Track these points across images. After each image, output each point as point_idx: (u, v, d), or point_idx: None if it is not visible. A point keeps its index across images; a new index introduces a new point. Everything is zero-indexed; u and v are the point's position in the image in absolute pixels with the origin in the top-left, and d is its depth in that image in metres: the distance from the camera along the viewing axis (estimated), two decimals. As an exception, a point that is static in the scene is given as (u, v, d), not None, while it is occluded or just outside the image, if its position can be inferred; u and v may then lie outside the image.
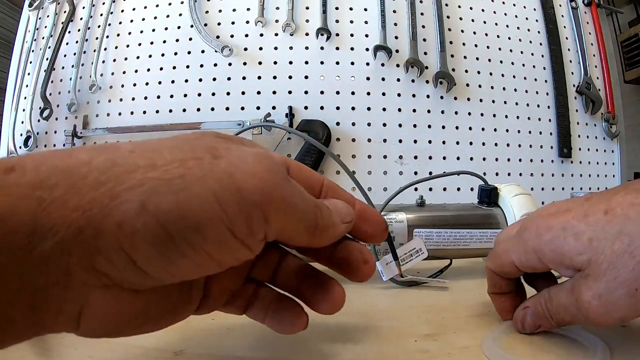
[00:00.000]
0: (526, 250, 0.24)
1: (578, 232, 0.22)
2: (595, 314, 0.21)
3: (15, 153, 0.78)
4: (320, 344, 0.25)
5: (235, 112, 0.72)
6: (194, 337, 0.25)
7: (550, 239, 0.23)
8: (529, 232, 0.24)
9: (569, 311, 0.23)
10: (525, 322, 0.25)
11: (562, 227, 0.22)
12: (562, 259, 0.22)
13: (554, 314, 0.24)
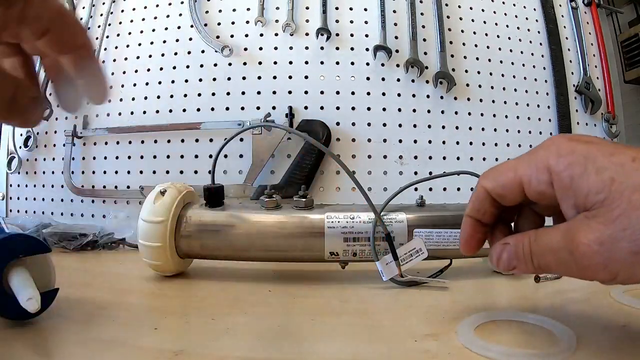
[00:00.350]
0: (539, 168, 0.21)
1: (600, 167, 0.20)
2: (590, 261, 0.19)
3: (15, 153, 0.78)
4: (320, 344, 0.25)
5: (235, 112, 0.72)
6: (194, 337, 0.25)
7: (570, 163, 0.20)
8: (548, 150, 0.22)
9: (558, 255, 0.21)
10: (501, 260, 0.23)
11: (585, 156, 0.20)
12: (577, 190, 0.20)
13: (538, 256, 0.22)
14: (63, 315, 0.28)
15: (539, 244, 0.22)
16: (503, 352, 0.22)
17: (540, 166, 0.21)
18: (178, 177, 0.71)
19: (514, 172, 0.23)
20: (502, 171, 0.23)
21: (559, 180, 0.21)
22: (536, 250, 0.22)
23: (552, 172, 0.21)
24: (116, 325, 0.27)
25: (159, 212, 0.38)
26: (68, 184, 0.75)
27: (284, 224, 0.39)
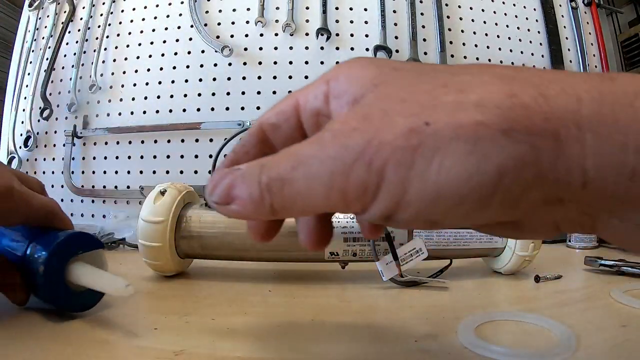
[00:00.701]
0: (318, 83, 0.17)
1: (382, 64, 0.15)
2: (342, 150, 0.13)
3: (15, 153, 0.78)
4: (320, 344, 0.25)
5: (235, 112, 0.72)
6: (194, 337, 0.25)
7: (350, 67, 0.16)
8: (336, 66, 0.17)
9: (298, 155, 0.14)
10: (218, 186, 0.15)
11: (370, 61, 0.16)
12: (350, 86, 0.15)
13: (272, 168, 0.14)
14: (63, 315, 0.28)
15: (277, 156, 0.15)
16: (503, 352, 0.22)
17: (320, 81, 0.17)
18: (178, 177, 0.71)
19: (293, 95, 0.17)
20: (283, 99, 0.18)
21: (334, 87, 0.16)
22: (270, 163, 0.14)
23: (330, 81, 0.16)
24: (116, 325, 0.27)
25: (159, 212, 0.38)
26: (68, 184, 0.75)
27: (284, 224, 0.39)
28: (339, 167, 0.13)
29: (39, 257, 0.26)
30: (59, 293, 0.27)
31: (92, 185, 0.76)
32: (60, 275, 0.27)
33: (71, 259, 0.27)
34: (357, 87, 0.15)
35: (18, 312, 0.29)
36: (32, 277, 0.27)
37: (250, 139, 0.18)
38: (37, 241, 0.28)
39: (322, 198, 0.13)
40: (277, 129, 0.17)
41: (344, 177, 0.13)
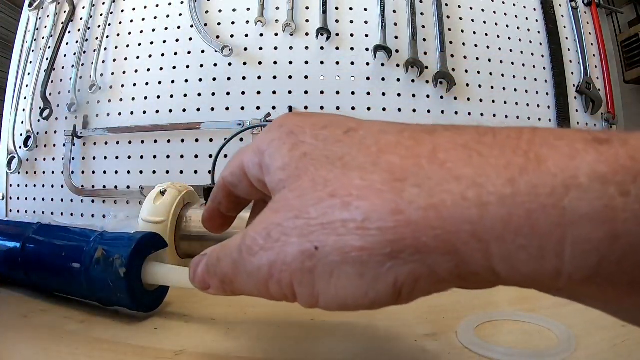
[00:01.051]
0: (254, 149, 0.17)
1: (300, 141, 0.15)
2: (255, 263, 0.14)
3: (15, 153, 0.78)
4: (320, 344, 0.25)
5: (235, 112, 0.72)
6: (194, 337, 0.25)
7: (272, 139, 0.16)
8: (267, 127, 0.17)
9: (232, 257, 0.15)
10: (196, 275, 0.18)
11: (291, 130, 0.15)
12: (269, 170, 0.15)
13: (219, 263, 0.16)
14: (63, 315, 0.28)
15: (224, 247, 0.16)
16: (503, 352, 0.22)
17: (254, 146, 0.17)
18: (178, 177, 0.71)
19: (240, 155, 0.18)
20: (236, 155, 0.19)
21: (263, 161, 0.16)
22: (222, 255, 0.16)
23: (260, 152, 0.16)
24: (116, 325, 0.27)
25: (159, 212, 0.38)
26: (68, 184, 0.75)
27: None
28: (259, 284, 0.14)
29: (118, 259, 0.26)
30: (138, 294, 0.27)
31: (92, 185, 0.76)
32: (139, 275, 0.27)
33: (145, 259, 0.28)
34: (275, 177, 0.15)
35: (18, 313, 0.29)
36: (101, 280, 0.26)
37: (219, 193, 0.20)
38: (107, 243, 0.27)
39: (261, 296, 0.15)
40: (235, 186, 0.19)
41: (265, 290, 0.14)
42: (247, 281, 0.15)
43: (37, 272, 0.31)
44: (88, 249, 0.28)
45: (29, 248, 0.30)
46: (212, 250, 0.17)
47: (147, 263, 0.28)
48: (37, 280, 0.31)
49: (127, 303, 0.27)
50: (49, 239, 0.31)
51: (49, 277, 0.30)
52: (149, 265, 0.28)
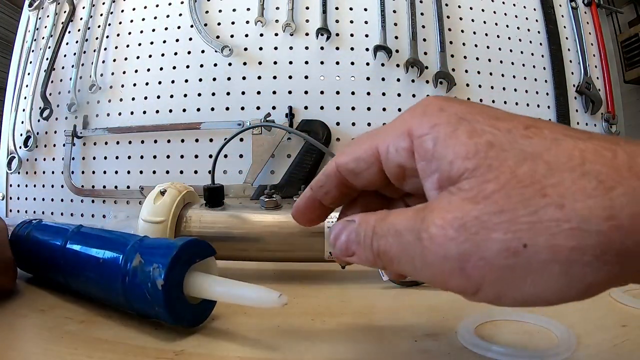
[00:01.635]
0: (399, 133, 0.16)
1: (477, 129, 0.14)
2: (439, 253, 0.13)
3: (15, 153, 0.78)
4: (320, 344, 0.25)
5: (235, 112, 0.72)
6: (194, 337, 0.25)
7: (436, 124, 0.15)
8: (413, 110, 0.17)
9: (402, 238, 0.15)
10: (338, 240, 0.17)
11: (459, 115, 0.15)
12: (441, 158, 0.15)
13: (379, 237, 0.16)
14: (63, 315, 0.28)
15: (385, 221, 0.16)
16: (503, 352, 0.22)
17: (400, 130, 0.16)
18: (178, 177, 0.71)
19: (372, 139, 0.17)
20: (358, 141, 0.18)
21: (420, 145, 0.15)
22: (380, 229, 0.16)
23: (413, 136, 0.16)
24: (116, 325, 0.27)
25: (159, 212, 0.38)
26: (68, 184, 0.75)
27: (284, 224, 0.39)
28: (438, 273, 0.14)
29: (156, 268, 0.24)
30: (178, 307, 0.24)
31: (92, 185, 0.76)
32: (180, 287, 0.24)
33: (189, 269, 0.25)
34: (449, 165, 0.14)
35: (18, 313, 0.29)
36: (138, 291, 0.24)
37: (328, 181, 0.19)
38: (145, 251, 0.25)
39: (425, 280, 0.15)
40: (356, 175, 0.18)
41: (443, 280, 0.14)
42: (416, 266, 0.14)
43: (75, 278, 0.29)
44: (125, 256, 0.25)
45: (69, 253, 0.29)
46: (364, 220, 0.17)
47: (191, 273, 0.25)
48: (76, 286, 0.30)
49: (165, 317, 0.25)
50: (87, 244, 0.29)
51: (87, 284, 0.29)
52: (192, 275, 0.25)
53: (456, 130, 0.14)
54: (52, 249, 0.30)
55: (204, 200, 0.42)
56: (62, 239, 0.30)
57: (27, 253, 0.33)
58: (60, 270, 0.30)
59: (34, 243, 0.33)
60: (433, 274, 0.14)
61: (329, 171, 0.19)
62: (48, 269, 0.32)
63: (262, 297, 0.23)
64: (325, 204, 0.20)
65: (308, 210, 0.21)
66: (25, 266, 0.34)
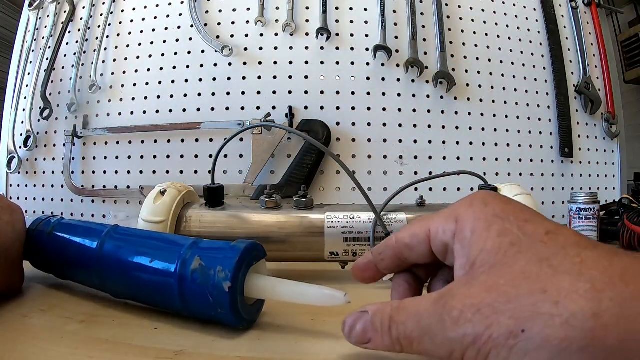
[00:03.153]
0: (449, 217, 0.20)
1: (506, 229, 0.18)
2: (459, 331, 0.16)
3: (15, 153, 0.78)
4: (320, 344, 0.25)
5: (235, 112, 0.72)
6: (194, 337, 0.25)
7: (477, 218, 0.19)
8: (464, 200, 0.20)
9: (423, 322, 0.18)
10: (354, 331, 0.20)
11: (496, 214, 0.18)
12: (471, 247, 0.18)
13: (398, 324, 0.19)
14: (63, 315, 0.28)
15: (403, 310, 0.19)
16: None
17: (450, 215, 0.20)
18: (178, 177, 0.71)
19: (425, 221, 0.21)
20: (416, 222, 0.22)
21: (460, 231, 0.19)
22: (398, 317, 0.19)
23: (458, 222, 0.19)
24: (116, 325, 0.27)
25: (159, 212, 0.38)
26: (68, 184, 0.75)
27: (284, 224, 0.39)
28: (457, 348, 0.16)
29: (221, 271, 0.24)
30: (241, 309, 0.25)
31: (92, 185, 0.76)
32: (242, 289, 0.25)
33: (248, 271, 0.25)
34: (477, 253, 0.18)
35: (18, 313, 0.29)
36: (199, 294, 0.24)
37: (387, 251, 0.23)
38: (204, 253, 0.25)
39: (442, 354, 0.17)
40: (410, 249, 0.22)
41: (460, 354, 0.16)
42: (437, 343, 0.17)
43: (116, 281, 0.28)
44: (181, 259, 0.25)
45: (107, 251, 0.28)
46: (379, 310, 0.20)
47: (251, 275, 0.25)
48: (115, 289, 0.29)
49: (228, 319, 0.25)
50: (131, 246, 0.28)
51: (132, 288, 0.28)
52: (253, 277, 0.25)
53: (491, 226, 0.18)
54: (84, 250, 0.29)
55: (204, 200, 0.42)
56: (96, 239, 0.29)
57: (48, 253, 0.32)
58: (95, 273, 0.29)
59: (58, 243, 0.31)
60: (453, 349, 0.17)
61: (389, 243, 0.23)
62: (78, 270, 0.31)
63: (328, 297, 0.24)
64: (380, 268, 0.24)
65: (366, 270, 0.24)
66: (43, 266, 0.33)
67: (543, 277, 0.16)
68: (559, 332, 0.14)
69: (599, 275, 0.15)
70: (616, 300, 0.14)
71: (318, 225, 0.38)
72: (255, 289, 0.25)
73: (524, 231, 0.17)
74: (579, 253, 0.16)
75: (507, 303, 0.16)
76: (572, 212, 0.61)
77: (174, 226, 0.39)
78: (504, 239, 0.17)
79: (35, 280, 0.35)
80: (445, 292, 0.18)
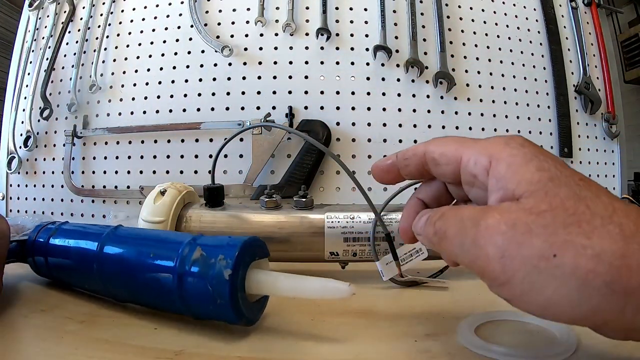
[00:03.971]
0: (481, 151, 0.20)
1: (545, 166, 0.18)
2: (489, 240, 0.17)
3: (15, 153, 0.78)
4: (320, 344, 0.25)
5: (235, 112, 0.72)
6: (194, 337, 0.25)
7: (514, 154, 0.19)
8: (498, 139, 0.20)
9: (461, 223, 0.19)
10: (419, 220, 0.22)
11: (534, 153, 0.19)
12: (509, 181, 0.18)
13: (443, 219, 0.20)
14: (63, 315, 0.28)
15: (453, 210, 0.20)
16: (503, 352, 0.22)
17: (484, 150, 0.20)
18: (178, 177, 0.71)
19: (458, 145, 0.21)
20: (448, 142, 0.22)
21: (496, 166, 0.19)
22: (448, 213, 0.20)
23: (493, 158, 0.19)
24: (116, 325, 0.27)
25: (159, 212, 0.38)
26: (68, 184, 0.75)
27: (284, 224, 0.39)
28: (481, 257, 0.17)
29: (222, 259, 0.23)
30: (241, 302, 0.24)
31: (92, 185, 0.76)
32: (243, 283, 0.24)
33: (249, 266, 0.25)
34: (515, 185, 0.18)
35: (18, 313, 0.29)
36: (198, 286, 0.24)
37: (413, 158, 0.23)
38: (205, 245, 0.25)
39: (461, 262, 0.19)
40: (437, 165, 0.22)
41: (481, 265, 0.17)
42: (464, 247, 0.18)
43: (116, 280, 0.28)
44: (182, 251, 0.25)
45: (107, 253, 0.28)
46: (438, 209, 0.21)
47: (252, 270, 0.25)
48: (115, 290, 0.29)
49: (227, 312, 0.24)
50: (130, 242, 0.28)
51: (130, 285, 0.27)
52: (254, 272, 0.25)
53: (529, 162, 0.18)
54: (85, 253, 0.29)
55: (204, 200, 0.42)
56: (96, 241, 0.28)
57: (50, 260, 0.31)
58: (97, 276, 0.28)
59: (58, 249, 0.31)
60: (477, 255, 0.17)
61: (417, 151, 0.23)
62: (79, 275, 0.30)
63: (332, 289, 0.24)
64: (402, 173, 0.24)
65: (386, 171, 0.25)
66: (46, 273, 0.33)
67: (580, 213, 0.16)
68: (589, 263, 0.15)
69: (627, 222, 0.16)
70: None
71: (318, 225, 0.38)
72: (256, 283, 0.24)
73: (561, 171, 0.18)
74: (611, 202, 0.17)
75: (544, 227, 0.16)
76: (572, 212, 0.61)
77: (174, 226, 0.39)
78: (543, 173, 0.18)
79: (35, 280, 0.35)
80: (488, 206, 0.18)
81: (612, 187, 0.82)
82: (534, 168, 0.18)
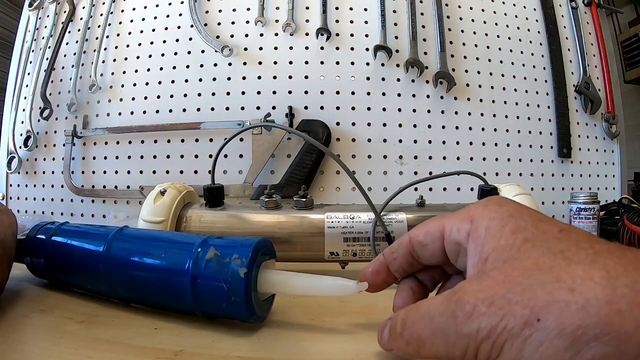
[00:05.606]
0: (463, 218, 0.20)
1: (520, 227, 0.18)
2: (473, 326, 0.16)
3: (15, 153, 0.78)
4: (320, 344, 0.25)
5: (235, 112, 0.72)
6: (194, 337, 0.25)
7: (492, 217, 0.19)
8: (479, 203, 0.21)
9: (434, 321, 0.17)
10: (382, 338, 0.21)
11: (511, 214, 0.19)
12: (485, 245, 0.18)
13: (409, 326, 0.19)
14: (63, 315, 0.28)
15: (414, 310, 0.19)
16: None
17: (465, 215, 0.20)
18: (178, 177, 0.71)
19: (439, 219, 0.21)
20: (430, 220, 0.22)
21: (475, 230, 0.19)
22: (410, 318, 0.19)
23: (473, 222, 0.19)
24: (116, 325, 0.27)
25: (159, 212, 0.38)
26: (68, 184, 0.75)
27: (284, 224, 0.39)
28: (471, 344, 0.16)
29: (237, 259, 0.24)
30: (254, 300, 0.25)
31: (92, 185, 0.76)
32: (256, 281, 0.25)
33: (260, 266, 0.26)
34: (489, 249, 0.18)
35: (18, 313, 0.29)
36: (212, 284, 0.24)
37: (400, 250, 0.23)
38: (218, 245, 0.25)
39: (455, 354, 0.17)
40: (423, 247, 0.22)
41: (472, 350, 0.16)
42: (450, 341, 0.17)
43: (123, 280, 0.28)
44: (195, 251, 0.25)
45: (114, 254, 0.28)
46: (396, 314, 0.20)
47: (263, 270, 0.25)
48: (122, 291, 0.29)
49: (241, 309, 0.24)
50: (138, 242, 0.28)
51: (138, 285, 0.27)
52: (264, 272, 0.25)
53: (505, 226, 0.18)
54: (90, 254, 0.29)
55: (204, 200, 0.42)
56: (102, 242, 0.28)
57: (50, 260, 0.31)
58: (101, 276, 0.28)
59: (60, 249, 0.30)
60: (467, 344, 0.16)
61: (402, 240, 0.23)
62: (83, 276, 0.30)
63: (342, 287, 0.24)
64: (392, 270, 0.23)
65: (377, 274, 0.24)
66: (45, 273, 0.33)
67: (557, 267, 0.16)
68: (575, 319, 0.14)
69: (613, 263, 0.15)
70: (631, 286, 0.14)
71: (318, 225, 0.38)
72: (268, 282, 0.25)
73: (537, 228, 0.18)
74: (592, 246, 0.16)
75: (521, 293, 0.15)
76: (572, 212, 0.61)
77: (173, 226, 0.39)
78: (518, 235, 0.18)
79: (35, 280, 0.35)
80: (457, 289, 0.17)
81: (612, 187, 0.82)
82: (509, 231, 0.18)
